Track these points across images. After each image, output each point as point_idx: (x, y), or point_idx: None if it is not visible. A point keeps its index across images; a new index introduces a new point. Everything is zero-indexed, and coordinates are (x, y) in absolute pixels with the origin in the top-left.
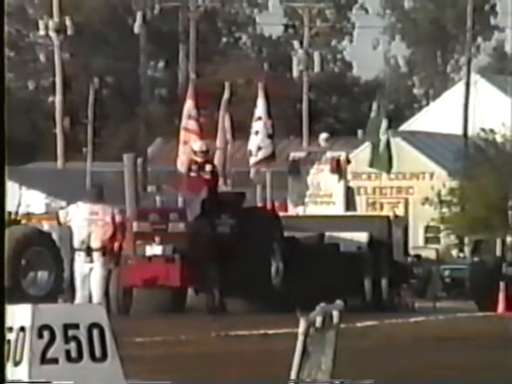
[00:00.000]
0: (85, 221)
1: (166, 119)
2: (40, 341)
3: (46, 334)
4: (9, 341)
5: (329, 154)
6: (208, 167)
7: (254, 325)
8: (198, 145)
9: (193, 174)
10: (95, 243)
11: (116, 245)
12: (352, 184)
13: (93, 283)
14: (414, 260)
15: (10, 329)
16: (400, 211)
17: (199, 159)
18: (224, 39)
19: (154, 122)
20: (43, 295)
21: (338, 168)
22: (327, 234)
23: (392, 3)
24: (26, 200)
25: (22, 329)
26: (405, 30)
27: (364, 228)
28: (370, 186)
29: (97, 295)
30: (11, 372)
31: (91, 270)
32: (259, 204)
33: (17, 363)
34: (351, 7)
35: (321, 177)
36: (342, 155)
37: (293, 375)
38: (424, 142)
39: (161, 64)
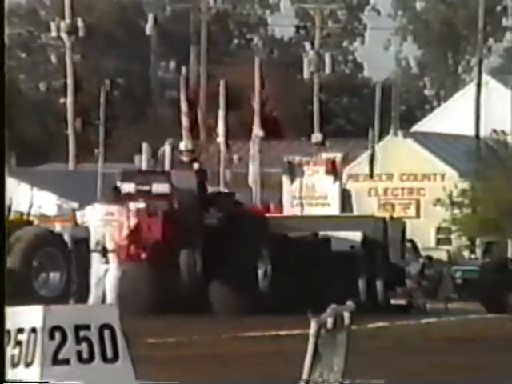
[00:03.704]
0: (100, 221)
1: (177, 120)
2: (51, 342)
3: (57, 335)
4: (20, 342)
5: (324, 156)
6: (195, 165)
7: (265, 326)
8: (183, 144)
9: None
10: (110, 244)
11: (131, 246)
12: (349, 186)
13: (108, 284)
14: (425, 261)
15: (22, 330)
16: (411, 212)
17: (185, 158)
18: (235, 41)
19: (164, 123)
20: (55, 296)
21: (334, 169)
22: (321, 234)
23: (403, 4)
24: (37, 201)
25: (34, 330)
26: (416, 31)
27: (358, 229)
28: (382, 187)
29: (111, 296)
30: (23, 373)
31: (107, 270)
32: (254, 205)
33: (28, 364)
34: (363, 8)
35: (316, 178)
36: (338, 156)
37: (304, 376)
38: (435, 143)
39: (172, 65)
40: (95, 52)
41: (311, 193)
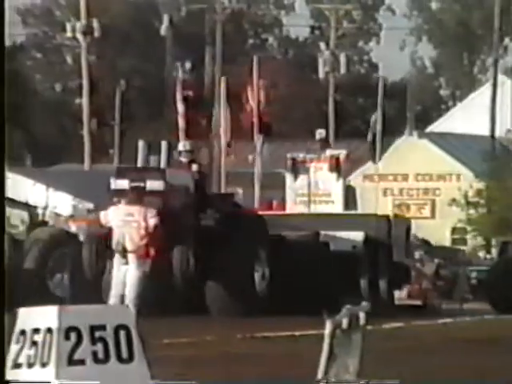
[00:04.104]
0: (121, 222)
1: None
2: (67, 342)
3: (72, 335)
4: (36, 342)
5: (328, 152)
6: (194, 166)
7: (280, 326)
8: (181, 144)
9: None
10: (129, 245)
11: (150, 247)
12: (353, 183)
13: (127, 285)
14: (441, 261)
15: (37, 330)
16: (426, 212)
17: (184, 159)
18: (250, 41)
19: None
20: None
21: (337, 166)
22: (322, 233)
23: (419, 4)
24: (53, 201)
25: (49, 330)
26: (431, 31)
27: (361, 227)
28: (397, 188)
29: (130, 297)
30: (39, 373)
31: (126, 271)
32: (252, 207)
33: (44, 364)
34: (378, 8)
35: (319, 175)
36: (342, 153)
37: (319, 376)
38: (451, 143)
39: (187, 66)
40: (111, 52)
41: (314, 190)
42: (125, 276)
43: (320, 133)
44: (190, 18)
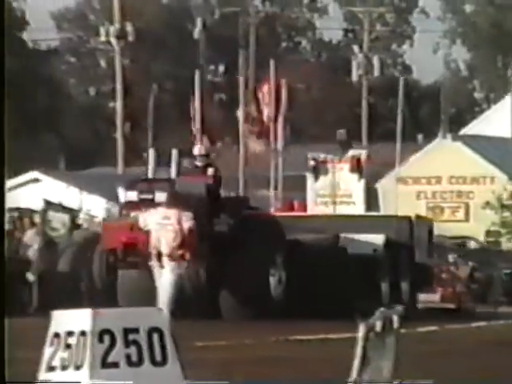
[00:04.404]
0: (157, 225)
1: (226, 124)
2: (101, 345)
3: (106, 338)
4: (70, 345)
5: (349, 153)
6: (210, 171)
7: (314, 330)
8: (197, 149)
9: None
10: (164, 248)
11: (184, 251)
12: (376, 185)
13: (162, 288)
14: (475, 265)
15: (71, 333)
16: (460, 215)
17: (199, 163)
18: (283, 44)
19: (213, 126)
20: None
21: (359, 167)
22: (342, 235)
23: (453, 7)
24: (86, 204)
25: (83, 333)
26: (465, 33)
27: (382, 229)
28: (430, 191)
29: (163, 300)
30: (73, 376)
31: (162, 274)
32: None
33: (78, 367)
34: (411, 11)
35: (341, 176)
36: (363, 153)
37: (353, 379)
38: (485, 145)
39: (220, 69)
40: (144, 56)
41: (336, 191)
42: (162, 278)
43: (340, 133)
44: (223, 21)
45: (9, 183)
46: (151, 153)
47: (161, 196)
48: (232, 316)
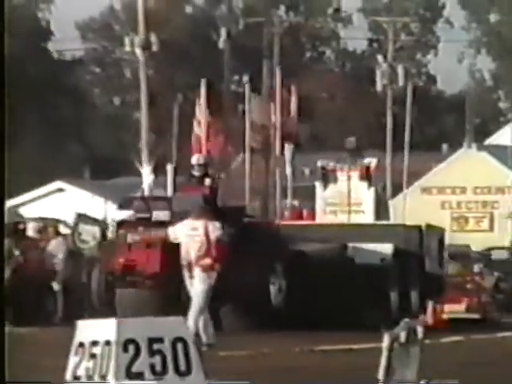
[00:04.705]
0: (186, 237)
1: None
2: (125, 355)
3: (131, 347)
4: (95, 355)
5: (360, 161)
6: (207, 180)
7: (338, 340)
8: (194, 158)
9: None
10: (194, 259)
11: (213, 260)
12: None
13: (192, 298)
14: (500, 275)
15: (96, 343)
16: (485, 225)
17: (197, 173)
18: (308, 54)
19: (238, 136)
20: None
21: (368, 175)
22: (349, 245)
23: (477, 17)
24: (111, 214)
25: (108, 343)
26: (490, 43)
27: (390, 238)
28: (455, 201)
29: (193, 310)
30: None
31: (193, 285)
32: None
33: (103, 377)
34: (436, 21)
35: (350, 184)
36: (372, 162)
37: None
38: (510, 156)
39: (245, 79)
40: (168, 66)
41: (345, 199)
42: (193, 288)
43: (350, 141)
44: (247, 31)
45: (34, 193)
46: (146, 170)
47: (158, 214)
48: (232, 326)
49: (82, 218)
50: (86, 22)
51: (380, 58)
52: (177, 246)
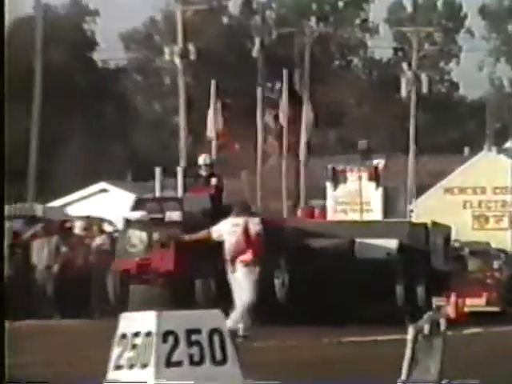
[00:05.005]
0: (229, 233)
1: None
2: (165, 345)
3: (170, 338)
4: (136, 345)
5: (367, 162)
6: (213, 180)
7: (364, 332)
8: (201, 158)
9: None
10: (237, 254)
11: (254, 255)
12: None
13: (244, 290)
14: None
15: (137, 334)
16: (504, 224)
17: (203, 173)
18: (336, 62)
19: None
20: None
21: (376, 175)
22: (357, 240)
23: (497, 27)
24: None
25: (149, 334)
26: (509, 52)
27: (396, 234)
28: (476, 200)
29: (239, 304)
30: (139, 374)
31: (236, 280)
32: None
33: (144, 366)
34: (458, 31)
35: (359, 184)
36: (380, 163)
37: (402, 378)
38: None
39: (277, 86)
40: (205, 74)
41: (355, 198)
42: (236, 282)
43: (362, 143)
44: (280, 41)
45: (79, 193)
46: (157, 171)
47: (170, 215)
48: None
49: (130, 223)
50: (128, 33)
51: (405, 66)
52: (190, 246)
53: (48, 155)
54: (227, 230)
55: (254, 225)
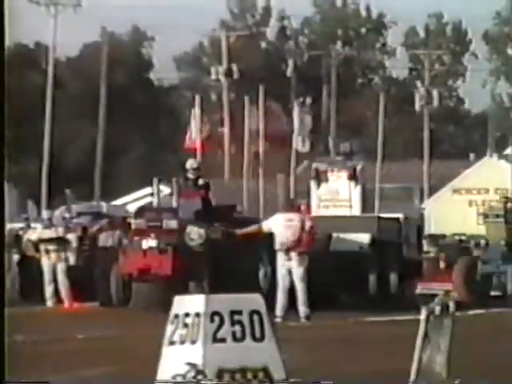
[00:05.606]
0: (283, 227)
1: (310, 145)
2: (212, 324)
3: (216, 318)
4: (187, 324)
5: (348, 164)
6: (201, 181)
7: (383, 311)
8: (189, 163)
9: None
10: (292, 244)
11: (308, 246)
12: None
13: (294, 280)
14: None
15: (188, 314)
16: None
17: (191, 176)
18: (359, 80)
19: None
20: None
21: (355, 176)
22: (334, 235)
23: (498, 50)
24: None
25: (198, 314)
26: (508, 72)
27: (369, 228)
28: (480, 199)
29: (301, 291)
30: (189, 349)
31: (289, 267)
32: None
33: (193, 342)
34: (464, 53)
35: (340, 183)
36: (359, 164)
37: (416, 354)
38: None
39: (308, 101)
40: (246, 91)
41: (335, 196)
42: (287, 271)
43: (344, 146)
44: (310, 62)
45: (130, 196)
46: (155, 181)
47: (168, 223)
48: None
49: (189, 220)
50: (180, 56)
51: (418, 83)
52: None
53: (111, 161)
54: (281, 224)
55: (309, 221)
